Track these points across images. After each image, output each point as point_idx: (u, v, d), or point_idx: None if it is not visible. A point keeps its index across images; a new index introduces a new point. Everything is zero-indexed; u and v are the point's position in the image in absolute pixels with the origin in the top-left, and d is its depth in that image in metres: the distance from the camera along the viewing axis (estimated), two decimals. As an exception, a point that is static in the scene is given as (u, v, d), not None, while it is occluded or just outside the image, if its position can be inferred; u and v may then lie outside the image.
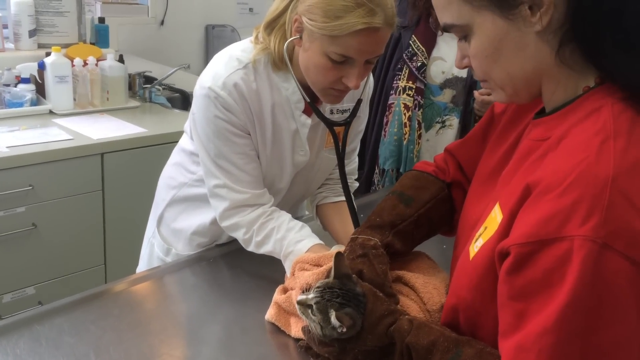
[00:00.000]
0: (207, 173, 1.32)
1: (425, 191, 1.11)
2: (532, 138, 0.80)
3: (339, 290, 0.92)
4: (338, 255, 0.96)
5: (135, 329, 1.13)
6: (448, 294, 0.91)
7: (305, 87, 1.27)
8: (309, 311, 0.94)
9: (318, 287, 0.95)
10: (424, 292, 1.03)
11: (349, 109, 1.39)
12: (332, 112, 1.39)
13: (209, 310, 1.21)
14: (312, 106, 1.29)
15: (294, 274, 1.17)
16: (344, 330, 0.88)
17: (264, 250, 1.30)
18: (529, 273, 0.66)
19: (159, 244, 1.54)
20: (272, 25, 1.25)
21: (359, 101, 1.36)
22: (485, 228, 0.80)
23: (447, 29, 0.80)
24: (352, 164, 1.57)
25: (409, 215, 1.08)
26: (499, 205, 0.78)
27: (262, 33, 1.27)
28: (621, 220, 0.62)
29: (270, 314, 1.15)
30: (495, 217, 0.77)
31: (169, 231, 1.53)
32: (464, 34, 0.79)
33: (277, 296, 1.16)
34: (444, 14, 0.79)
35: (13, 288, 2.21)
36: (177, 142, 2.45)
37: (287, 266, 1.26)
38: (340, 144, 1.32)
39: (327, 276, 0.98)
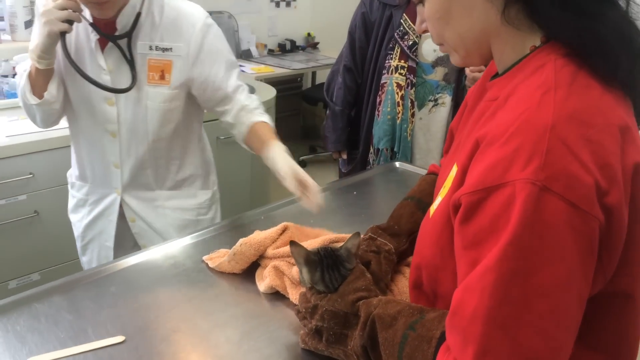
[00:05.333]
0: None
1: None
2: (486, 99, 0.83)
3: (333, 253, 1.02)
4: (356, 234, 1.05)
5: (131, 305, 1.16)
6: (414, 253, 0.95)
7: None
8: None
9: (322, 245, 1.08)
10: None
11: (170, 48, 1.51)
12: (151, 48, 1.50)
13: (204, 286, 1.25)
14: (94, 28, 1.46)
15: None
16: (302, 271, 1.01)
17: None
18: (478, 220, 0.68)
19: None
20: None
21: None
22: (444, 187, 0.83)
23: None
24: (239, 103, 1.59)
25: None
26: (456, 165, 0.81)
27: None
28: (559, 164, 0.64)
29: (266, 285, 1.21)
30: (452, 175, 0.80)
31: None
32: None
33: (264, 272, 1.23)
34: None
35: (18, 274, 2.26)
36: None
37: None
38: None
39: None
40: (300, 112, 4.89)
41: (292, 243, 1.04)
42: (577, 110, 0.68)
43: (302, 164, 4.76)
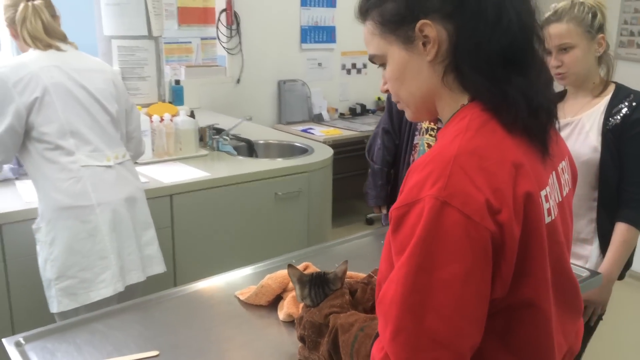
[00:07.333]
0: None
1: None
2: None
3: (323, 276, 1.26)
4: (345, 262, 1.28)
5: (169, 327, 1.40)
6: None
7: None
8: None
9: (317, 271, 1.31)
10: None
11: None
12: None
13: (232, 315, 1.47)
14: None
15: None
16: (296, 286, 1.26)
17: None
18: (402, 230, 0.85)
19: None
20: None
21: None
22: None
23: (371, 59, 1.04)
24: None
25: None
26: None
27: None
28: (458, 185, 0.81)
29: (285, 314, 1.42)
30: None
31: None
32: (382, 62, 1.02)
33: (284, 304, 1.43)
34: (369, 47, 1.03)
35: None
36: (238, 184, 2.76)
37: None
38: None
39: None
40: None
41: (289, 265, 1.26)
42: (478, 147, 0.86)
43: (370, 222, 4.96)
